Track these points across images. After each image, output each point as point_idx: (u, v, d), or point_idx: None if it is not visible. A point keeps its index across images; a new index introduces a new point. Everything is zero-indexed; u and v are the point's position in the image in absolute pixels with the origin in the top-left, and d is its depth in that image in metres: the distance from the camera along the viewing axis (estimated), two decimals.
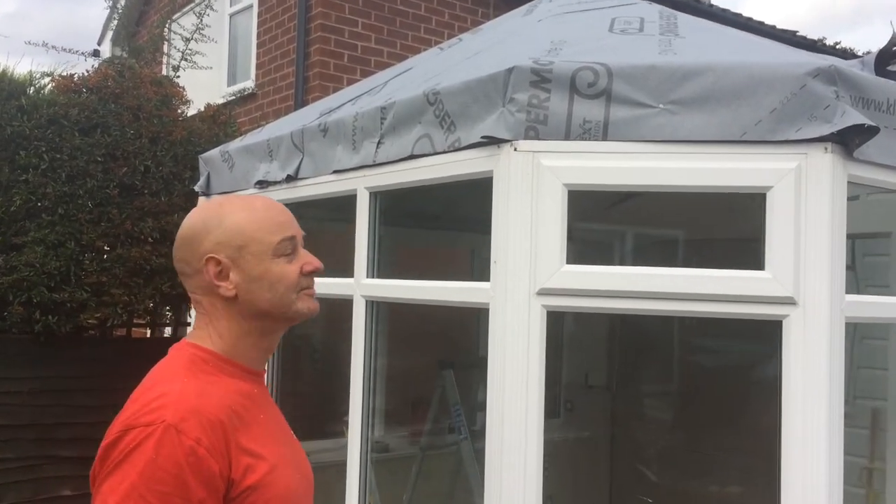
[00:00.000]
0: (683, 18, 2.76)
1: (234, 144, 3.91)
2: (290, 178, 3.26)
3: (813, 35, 11.24)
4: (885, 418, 2.81)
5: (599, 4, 3.09)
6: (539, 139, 2.15)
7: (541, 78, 2.15)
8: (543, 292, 2.12)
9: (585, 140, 2.12)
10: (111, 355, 4.56)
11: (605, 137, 2.12)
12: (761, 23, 10.07)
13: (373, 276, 2.86)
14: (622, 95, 2.10)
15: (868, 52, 2.12)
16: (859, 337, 2.81)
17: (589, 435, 5.07)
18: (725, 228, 3.82)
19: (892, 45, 2.23)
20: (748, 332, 2.25)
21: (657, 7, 2.98)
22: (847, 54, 10.96)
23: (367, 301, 2.83)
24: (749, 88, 2.02)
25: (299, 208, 3.53)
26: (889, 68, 2.25)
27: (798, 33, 10.53)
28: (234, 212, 1.45)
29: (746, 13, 10.35)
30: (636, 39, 2.48)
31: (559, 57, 2.24)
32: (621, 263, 4.56)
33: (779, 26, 10.54)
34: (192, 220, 1.47)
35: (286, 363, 3.74)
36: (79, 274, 4.36)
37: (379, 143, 2.73)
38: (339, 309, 3.31)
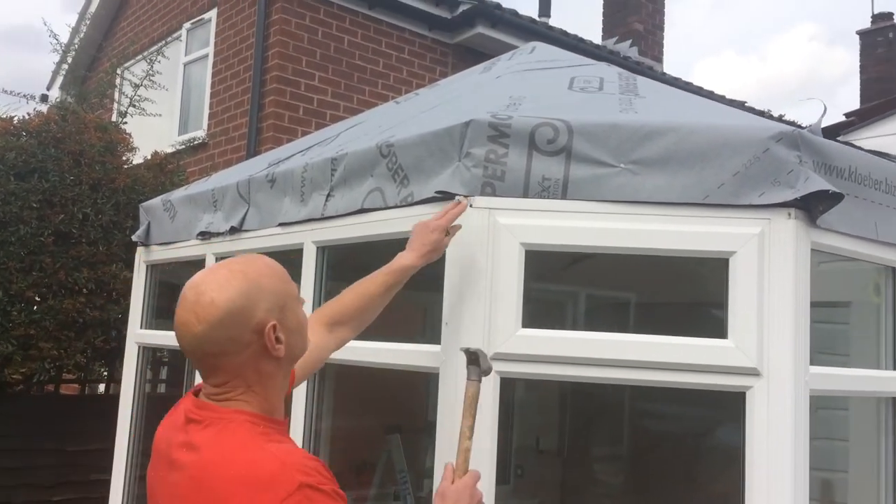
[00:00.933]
0: (642, 80, 2.73)
1: (178, 193, 3.75)
2: (235, 230, 3.11)
3: (760, 107, 11.59)
4: (843, 491, 2.73)
5: (559, 64, 3.06)
6: (496, 196, 2.05)
7: (499, 133, 2.07)
8: (498, 357, 2.00)
9: (544, 198, 2.04)
10: (36, 413, 4.27)
11: (564, 196, 2.03)
12: (711, 92, 10.34)
13: None
14: (582, 153, 2.03)
15: (809, 126, 2.09)
16: (814, 408, 2.75)
17: (538, 502, 4.91)
18: (675, 292, 3.78)
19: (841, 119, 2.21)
20: (698, 398, 2.17)
21: (616, 69, 2.96)
22: (794, 126, 11.28)
23: None
24: (712, 150, 1.96)
25: None
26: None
27: (747, 104, 10.84)
28: (263, 274, 1.47)
29: (696, 83, 10.63)
30: (596, 98, 2.43)
31: (518, 112, 2.16)
32: (573, 326, 4.48)
33: (728, 97, 10.84)
34: (225, 296, 1.41)
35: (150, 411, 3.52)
36: (5, 325, 4.10)
37: (328, 195, 2.61)
38: None
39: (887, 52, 15.23)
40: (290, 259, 2.89)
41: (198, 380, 1.54)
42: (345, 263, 2.94)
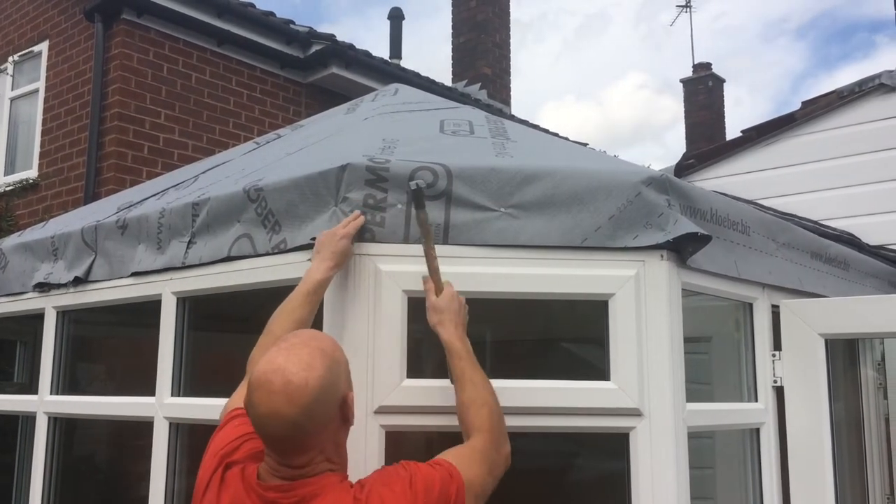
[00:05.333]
0: (510, 124, 2.77)
1: (10, 241, 3.40)
2: (79, 281, 2.84)
3: (600, 149, 12.24)
4: None
5: (425, 106, 3.05)
6: (376, 241, 1.98)
7: (377, 177, 2.01)
8: (382, 410, 1.92)
9: None
10: None
11: (445, 241, 1.99)
12: (556, 134, 10.82)
13: (178, 394, 2.50)
14: (463, 198, 2.01)
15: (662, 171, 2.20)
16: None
17: None
18: (526, 329, 3.85)
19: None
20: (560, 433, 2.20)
21: (482, 112, 2.99)
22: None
23: (170, 423, 2.46)
24: (588, 194, 2.00)
25: (86, 314, 3.09)
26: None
27: (588, 145, 11.42)
28: (336, 348, 1.58)
29: (542, 125, 11.09)
30: (469, 141, 2.43)
31: (395, 155, 2.11)
32: (432, 370, 4.44)
33: (571, 139, 11.39)
34: (316, 374, 1.46)
35: (65, 486, 3.16)
36: None
37: (190, 242, 2.44)
38: (127, 423, 2.88)
39: (707, 98, 16.63)
40: (142, 309, 2.67)
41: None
42: (205, 311, 2.75)
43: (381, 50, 14.20)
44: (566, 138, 11.00)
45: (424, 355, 2.15)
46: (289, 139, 3.14)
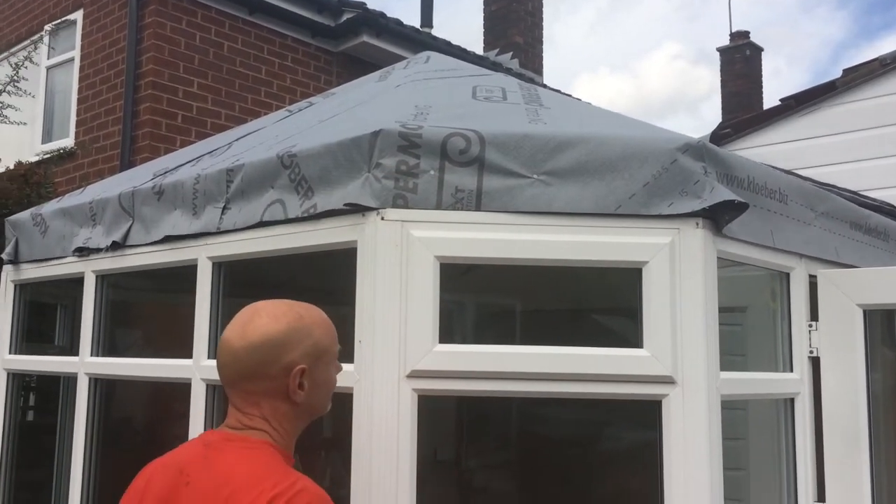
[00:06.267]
0: (543, 91, 2.74)
1: (49, 207, 3.46)
2: (117, 245, 2.89)
3: None
4: (742, 487, 2.83)
5: (457, 73, 3.03)
6: (408, 208, 1.99)
7: (410, 143, 2.00)
8: (415, 375, 1.93)
9: (458, 210, 1.99)
10: None
11: (478, 208, 1.99)
12: (590, 104, 10.68)
13: (214, 356, 2.54)
14: (495, 164, 2.00)
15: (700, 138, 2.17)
16: None
17: None
18: (557, 299, 3.83)
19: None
20: (584, 400, 2.20)
21: (515, 79, 2.96)
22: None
23: (207, 385, 2.50)
24: (623, 161, 1.97)
25: (124, 279, 3.15)
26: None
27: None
28: (316, 324, 1.57)
29: (575, 97, 10.95)
30: (502, 108, 2.41)
31: (427, 122, 2.11)
32: (463, 336, 4.46)
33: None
34: (275, 327, 1.52)
35: (105, 447, 3.25)
36: None
37: (224, 208, 2.46)
38: (166, 388, 2.94)
39: (744, 67, 16.28)
40: (178, 275, 2.71)
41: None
42: (242, 279, 2.79)
43: (412, 19, 14.11)
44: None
45: (456, 320, 2.16)
46: (321, 107, 3.14)
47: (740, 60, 16.24)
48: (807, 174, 4.82)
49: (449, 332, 2.02)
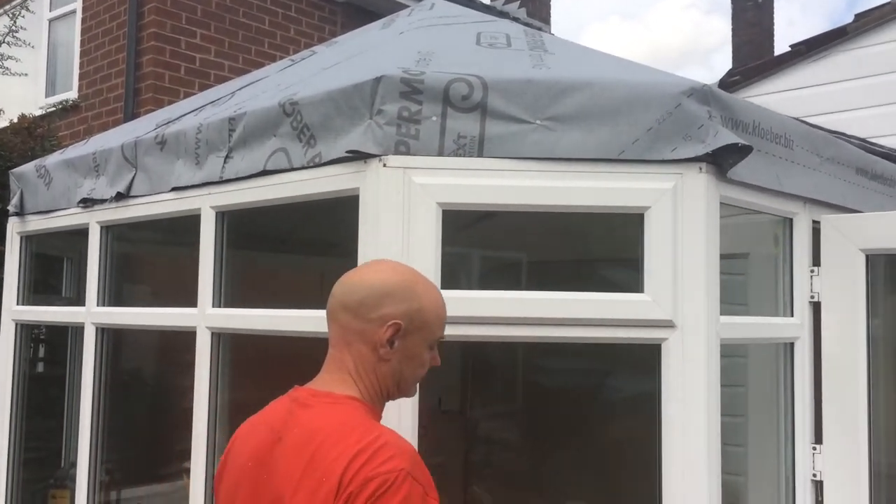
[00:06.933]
0: (548, 37, 2.70)
1: (53, 158, 3.46)
2: (121, 196, 2.90)
3: None
4: (740, 433, 2.86)
5: (462, 20, 2.98)
6: (410, 154, 1.98)
7: (412, 89, 1.99)
8: None
9: (460, 156, 1.98)
10: None
11: (480, 154, 1.98)
12: (595, 50, 10.53)
13: (219, 305, 2.57)
14: (498, 110, 1.98)
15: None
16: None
17: (442, 459, 4.94)
18: (562, 250, 3.84)
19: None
20: (590, 350, 2.22)
21: (520, 25, 2.92)
22: None
23: (212, 333, 2.53)
24: (627, 106, 1.96)
25: (129, 230, 3.16)
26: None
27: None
28: (427, 295, 1.58)
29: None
30: (506, 54, 2.38)
31: (429, 68, 2.08)
32: (469, 287, 4.47)
33: None
34: (391, 277, 1.56)
35: (113, 398, 3.31)
36: None
37: (227, 157, 2.46)
38: (172, 339, 2.97)
39: (756, 14, 15.95)
40: (184, 226, 2.72)
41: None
42: (245, 230, 2.80)
43: None
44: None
45: (458, 267, 2.17)
46: (324, 55, 3.11)
47: (752, 8, 15.88)
48: (817, 121, 4.77)
49: (455, 283, 2.03)
